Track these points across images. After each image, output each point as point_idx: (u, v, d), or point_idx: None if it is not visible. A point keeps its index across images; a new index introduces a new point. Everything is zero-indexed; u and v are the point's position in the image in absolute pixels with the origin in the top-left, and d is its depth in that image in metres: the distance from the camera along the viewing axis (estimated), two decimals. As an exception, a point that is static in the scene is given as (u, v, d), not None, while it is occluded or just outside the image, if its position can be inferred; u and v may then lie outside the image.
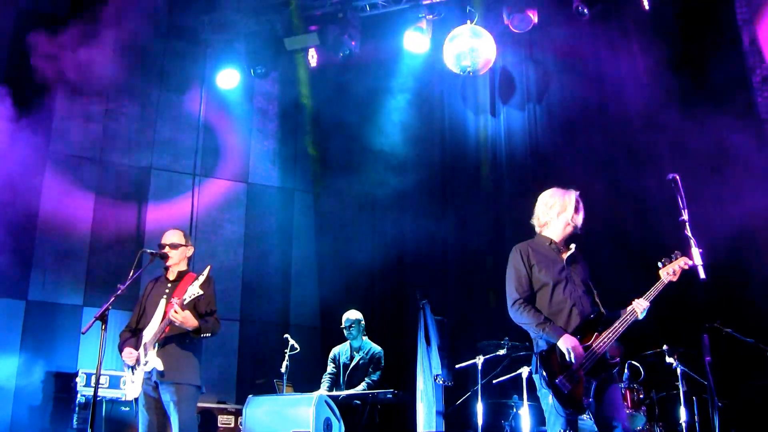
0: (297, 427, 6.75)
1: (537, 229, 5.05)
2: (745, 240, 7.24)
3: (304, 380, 8.63)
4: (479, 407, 7.10)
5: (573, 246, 4.94)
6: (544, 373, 4.59)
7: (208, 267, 5.66)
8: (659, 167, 7.86)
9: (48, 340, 9.09)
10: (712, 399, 4.30)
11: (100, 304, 5.59)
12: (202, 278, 5.54)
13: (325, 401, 7.04)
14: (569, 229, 4.91)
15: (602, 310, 4.77)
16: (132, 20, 9.62)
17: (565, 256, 4.88)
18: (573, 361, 4.50)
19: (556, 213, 4.93)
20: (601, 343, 4.57)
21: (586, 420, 5.88)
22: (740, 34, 7.91)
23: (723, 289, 6.80)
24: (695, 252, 4.45)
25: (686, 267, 4.53)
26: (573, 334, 4.61)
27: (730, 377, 6.19)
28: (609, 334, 4.59)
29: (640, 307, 4.59)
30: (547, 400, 4.58)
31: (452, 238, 9.62)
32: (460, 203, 9.76)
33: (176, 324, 5.47)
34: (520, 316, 4.76)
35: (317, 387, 8.11)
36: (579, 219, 4.91)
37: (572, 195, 4.95)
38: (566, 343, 4.54)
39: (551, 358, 4.61)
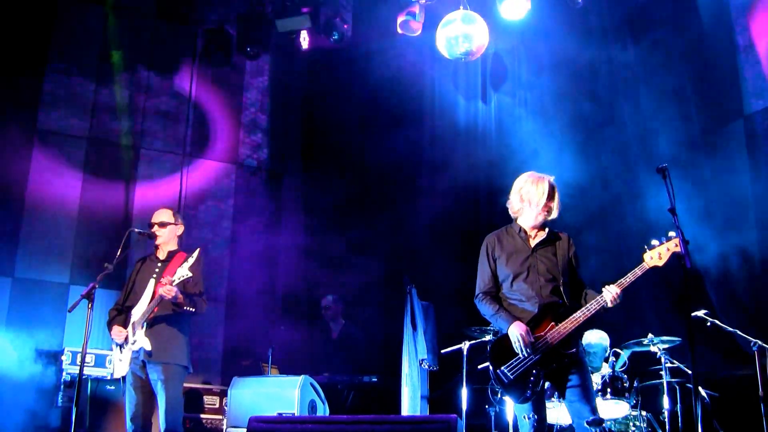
0: (282, 408, 6.76)
1: (512, 215, 4.92)
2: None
3: (290, 362, 8.64)
4: (464, 392, 7.13)
5: (546, 230, 4.83)
6: (490, 362, 4.64)
7: (198, 249, 5.69)
8: (649, 158, 7.90)
9: (34, 317, 9.04)
10: (696, 388, 4.33)
11: (87, 283, 5.61)
12: (191, 260, 5.56)
13: (310, 383, 7.06)
14: (541, 218, 4.78)
15: (565, 300, 4.65)
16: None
17: (533, 243, 4.80)
18: (521, 349, 4.51)
19: (528, 203, 4.77)
20: (555, 333, 4.52)
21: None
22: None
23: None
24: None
25: (677, 250, 4.41)
26: (528, 323, 4.58)
27: (713, 367, 6.25)
28: (566, 324, 4.53)
29: (609, 294, 4.46)
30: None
31: (440, 223, 9.63)
32: (449, 188, 9.76)
33: (166, 298, 5.48)
34: (481, 307, 4.86)
35: (302, 369, 8.13)
36: (554, 205, 4.77)
37: (545, 183, 4.78)
38: (515, 330, 4.53)
39: (499, 347, 4.65)
